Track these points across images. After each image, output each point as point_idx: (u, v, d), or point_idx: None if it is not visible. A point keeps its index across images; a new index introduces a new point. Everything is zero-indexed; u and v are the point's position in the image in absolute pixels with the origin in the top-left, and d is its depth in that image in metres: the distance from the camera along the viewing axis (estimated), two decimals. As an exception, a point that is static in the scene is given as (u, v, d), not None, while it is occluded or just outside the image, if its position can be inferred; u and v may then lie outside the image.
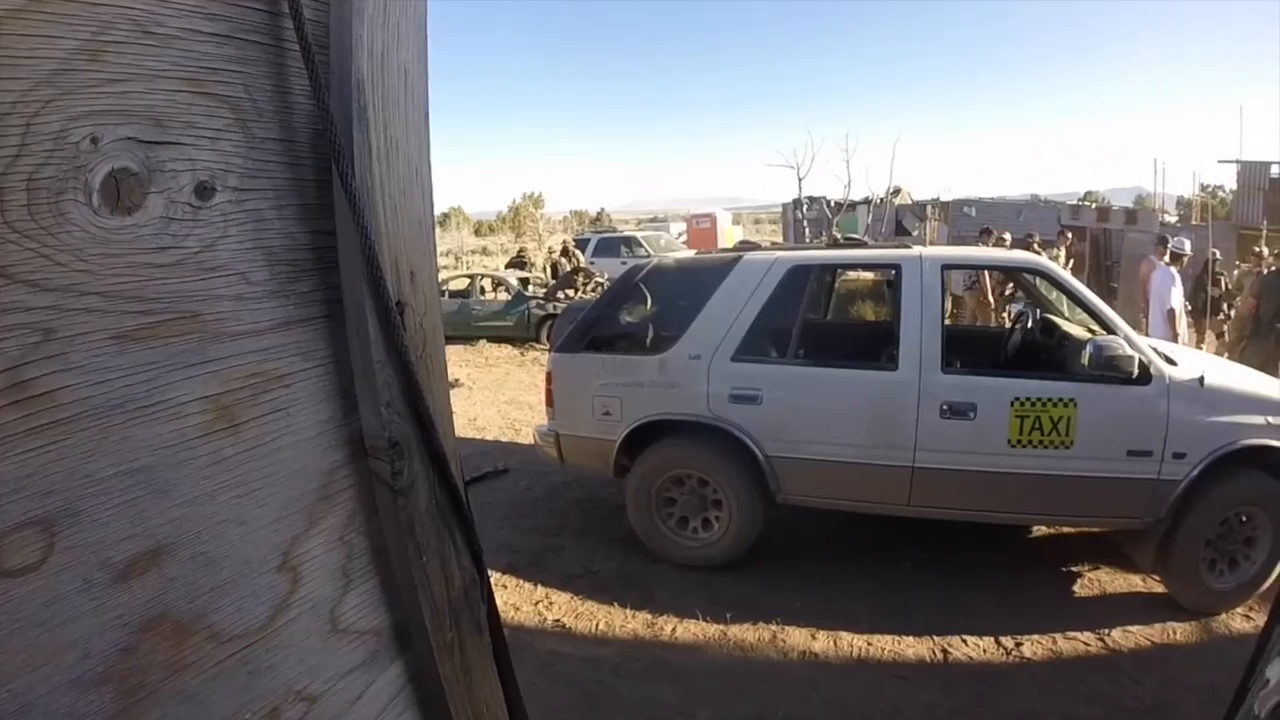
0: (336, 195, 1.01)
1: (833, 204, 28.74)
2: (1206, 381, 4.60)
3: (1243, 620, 4.75)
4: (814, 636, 4.52)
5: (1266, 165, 22.72)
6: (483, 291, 16.39)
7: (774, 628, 4.57)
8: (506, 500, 6.56)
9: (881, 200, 28.54)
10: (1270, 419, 4.55)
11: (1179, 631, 4.68)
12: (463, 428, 8.86)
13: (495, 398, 10.72)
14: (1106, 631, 4.62)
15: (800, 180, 29.12)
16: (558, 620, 4.67)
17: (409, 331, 1.08)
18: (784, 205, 33.56)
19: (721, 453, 5.07)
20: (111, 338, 0.81)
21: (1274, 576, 4.67)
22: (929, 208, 27.00)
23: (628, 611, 4.73)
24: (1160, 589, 5.02)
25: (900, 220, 27.51)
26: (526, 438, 7.97)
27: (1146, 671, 4.27)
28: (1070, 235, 13.59)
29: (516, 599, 4.89)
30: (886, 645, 4.47)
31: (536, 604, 4.84)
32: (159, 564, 0.86)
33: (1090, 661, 4.39)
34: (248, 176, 0.96)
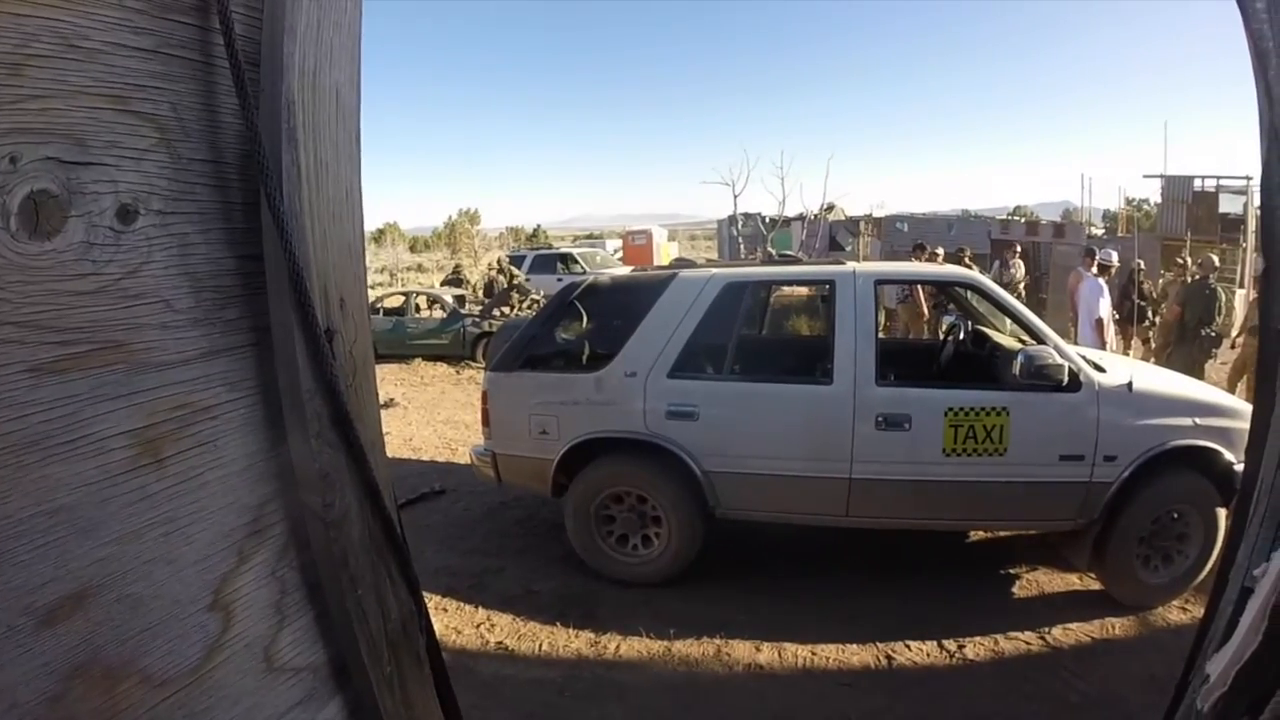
0: (264, 219, 0.98)
1: (767, 220, 29.03)
2: (1135, 387, 4.75)
3: (1179, 613, 4.90)
4: (759, 649, 4.52)
5: (1189, 179, 23.69)
6: (418, 309, 16.19)
7: (718, 642, 4.56)
8: (444, 522, 6.47)
9: (816, 216, 28.90)
10: (1197, 420, 4.71)
11: (1117, 626, 4.81)
12: (398, 448, 8.77)
13: (431, 417, 10.59)
14: (1047, 630, 4.74)
15: (735, 197, 29.41)
16: (500, 642, 4.61)
17: (339, 360, 1.04)
18: (720, 222, 33.79)
19: (659, 469, 5.06)
20: (28, 370, 0.78)
21: (1207, 570, 4.79)
22: (862, 223, 27.40)
23: (570, 631, 4.69)
24: (1097, 587, 5.17)
25: (834, 236, 27.88)
26: (463, 458, 7.86)
27: (1088, 667, 4.38)
28: (1020, 247, 13.90)
29: (457, 622, 4.82)
30: (831, 654, 4.49)
31: (478, 626, 4.78)
32: (85, 607, 0.83)
33: (1033, 660, 4.48)
34: (172, 199, 0.92)
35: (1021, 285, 12.76)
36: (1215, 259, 10.66)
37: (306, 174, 1.01)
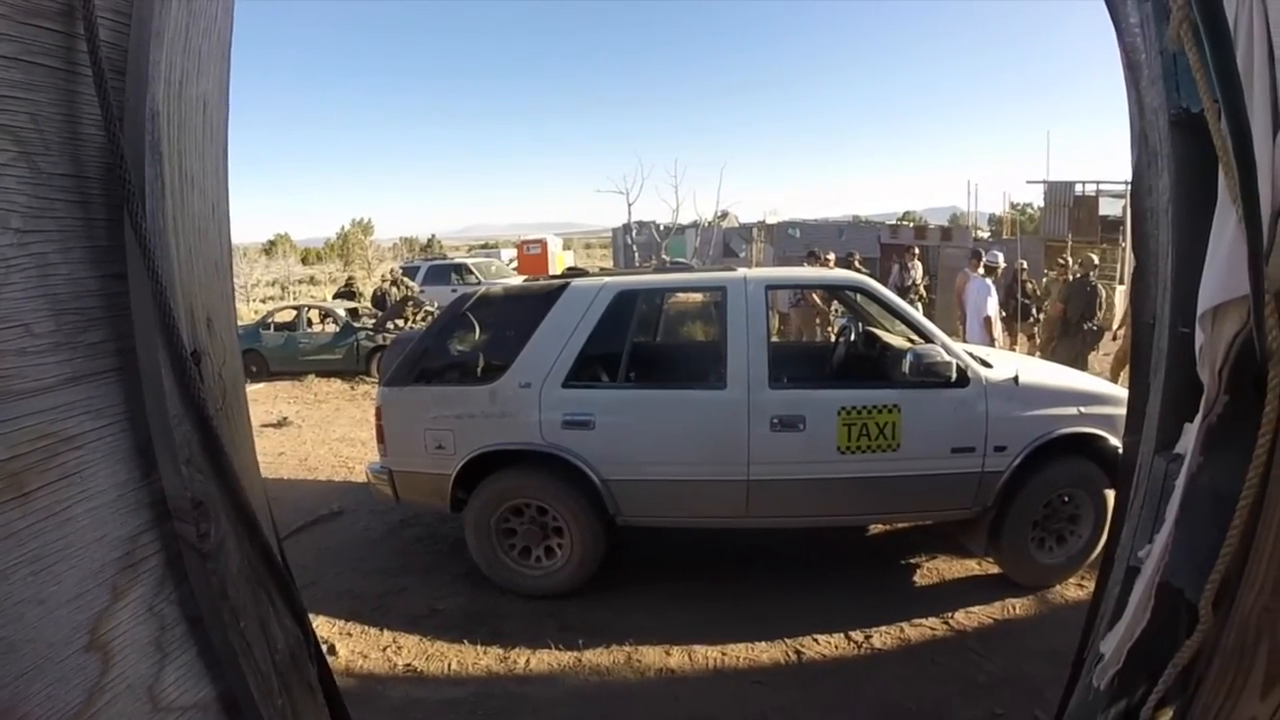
0: (127, 237, 0.93)
1: (662, 228, 29.24)
2: (1021, 380, 4.96)
3: (1076, 590, 5.11)
4: (668, 653, 4.53)
5: (1071, 185, 25.04)
6: (310, 323, 15.79)
7: (628, 649, 4.55)
8: (344, 543, 6.31)
9: (709, 223, 29.22)
10: (1081, 409, 4.94)
11: (1018, 606, 5.01)
12: (293, 469, 8.57)
13: (326, 435, 10.33)
14: (950, 615, 4.89)
15: (630, 205, 29.53)
16: (408, 664, 4.51)
17: (207, 383, 0.99)
18: (614, 230, 33.90)
19: (558, 480, 5.04)
20: None
21: (1100, 548, 4.98)
22: (755, 230, 27.81)
23: (479, 648, 4.62)
24: (996, 570, 5.36)
25: (728, 242, 28.24)
26: (361, 476, 7.69)
27: (993, 647, 4.53)
28: (918, 250, 14.25)
29: (363, 646, 4.71)
30: (741, 653, 4.53)
31: (384, 649, 4.67)
32: (-46, 655, 0.77)
33: (938, 644, 4.61)
34: (32, 216, 0.87)
35: (922, 286, 13.12)
36: (1095, 258, 11.16)
37: (171, 189, 0.96)
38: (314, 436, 10.27)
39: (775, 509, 5.04)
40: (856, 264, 13.09)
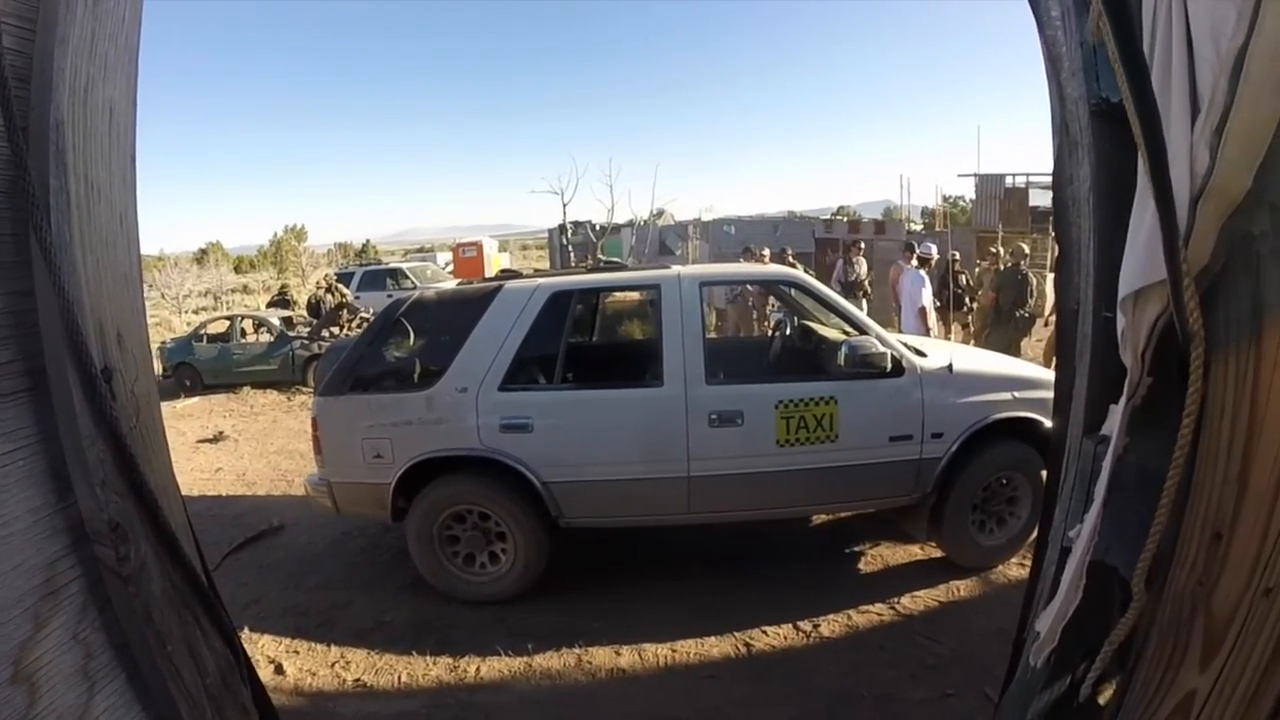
0: (34, 252, 0.89)
1: (597, 228, 29.18)
2: (955, 368, 5.07)
3: (1018, 569, 5.22)
4: (619, 653, 4.52)
5: (1001, 177, 25.74)
6: (244, 334, 15.51)
7: (578, 651, 4.54)
8: (286, 559, 6.19)
9: (645, 222, 29.22)
10: (1015, 394, 5.06)
11: (962, 588, 5.10)
12: (231, 485, 8.41)
13: (264, 448, 10.16)
14: (896, 600, 4.97)
15: (565, 206, 29.42)
16: (358, 679, 4.43)
17: (119, 400, 0.96)
18: (550, 231, 33.75)
19: (498, 484, 5.00)
20: None
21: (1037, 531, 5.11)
22: (691, 228, 27.90)
23: (428, 659, 4.56)
24: (939, 554, 5.47)
25: (664, 241, 28.26)
26: (300, 489, 7.54)
27: (940, 629, 4.61)
28: (864, 245, 14.41)
29: (311, 664, 4.62)
30: (691, 649, 4.54)
31: (333, 665, 4.59)
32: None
33: (886, 629, 4.68)
34: (-68, 234, 0.83)
35: (866, 281, 13.28)
36: (1026, 248, 11.39)
37: (77, 200, 0.92)
38: (251, 450, 10.09)
39: (717, 504, 5.06)
40: (790, 259, 13.21)
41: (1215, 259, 1.27)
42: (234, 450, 10.10)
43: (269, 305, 20.02)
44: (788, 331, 6.73)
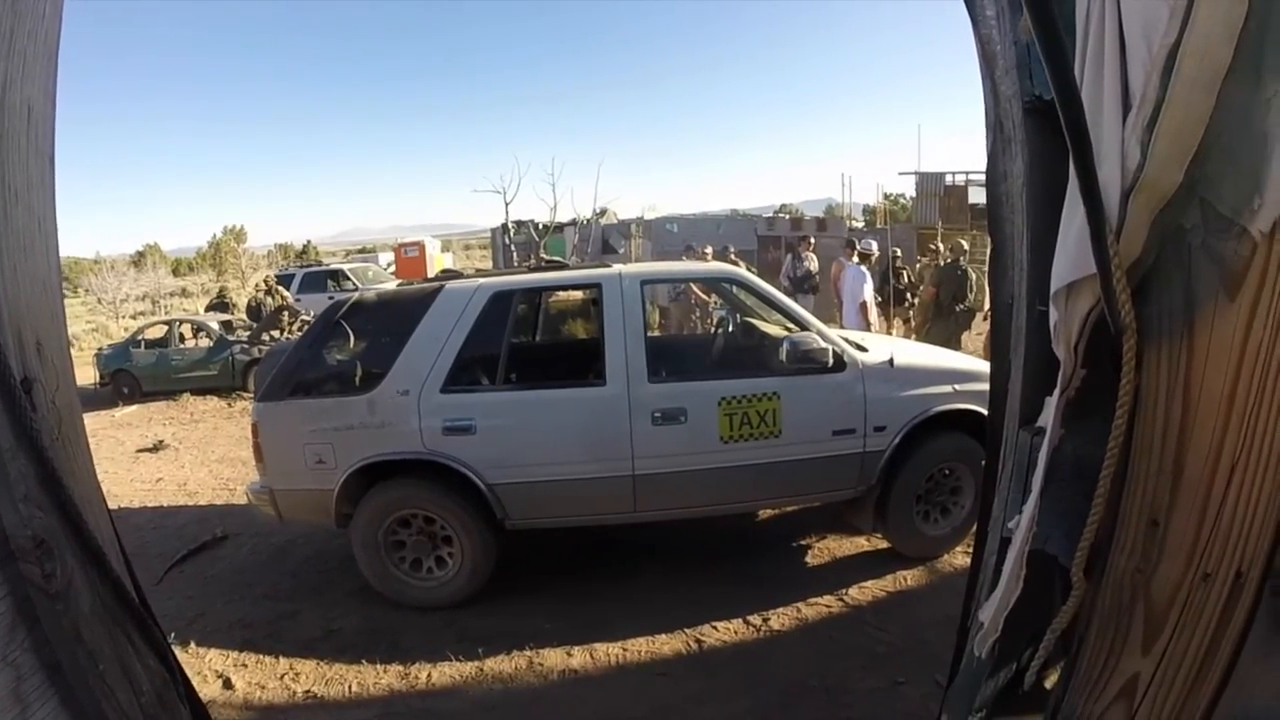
0: (-50, 259, 0.85)
1: (540, 227, 29.04)
2: (896, 362, 5.16)
3: (964, 557, 5.32)
4: (570, 654, 4.52)
5: (941, 175, 26.16)
6: (182, 339, 15.18)
7: (529, 653, 4.52)
8: (230, 570, 6.07)
9: (588, 221, 29.15)
10: (956, 387, 5.15)
11: (909, 578, 5.20)
12: (173, 495, 8.22)
13: (205, 457, 9.97)
14: (844, 591, 5.04)
15: (508, 205, 29.21)
16: (308, 691, 4.36)
17: (40, 411, 0.92)
18: (493, 230, 33.53)
19: (443, 487, 4.96)
20: None
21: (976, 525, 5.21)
22: (634, 226, 27.91)
23: (378, 667, 4.50)
24: (885, 545, 5.57)
25: (607, 239, 28.22)
26: (243, 498, 7.42)
27: (888, 619, 4.68)
28: (813, 241, 14.52)
29: (260, 676, 4.53)
30: (642, 647, 4.55)
31: (282, 677, 4.50)
32: None
33: (835, 621, 4.74)
34: None
35: (816, 277, 13.39)
36: (965, 244, 11.60)
37: (-9, 204, 0.88)
38: (192, 459, 9.89)
39: (663, 502, 5.08)
40: (733, 256, 13.30)
41: (1147, 252, 1.29)
42: (175, 459, 9.90)
43: (208, 309, 19.58)
44: (730, 329, 6.78)
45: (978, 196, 24.82)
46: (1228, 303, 1.22)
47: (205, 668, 4.56)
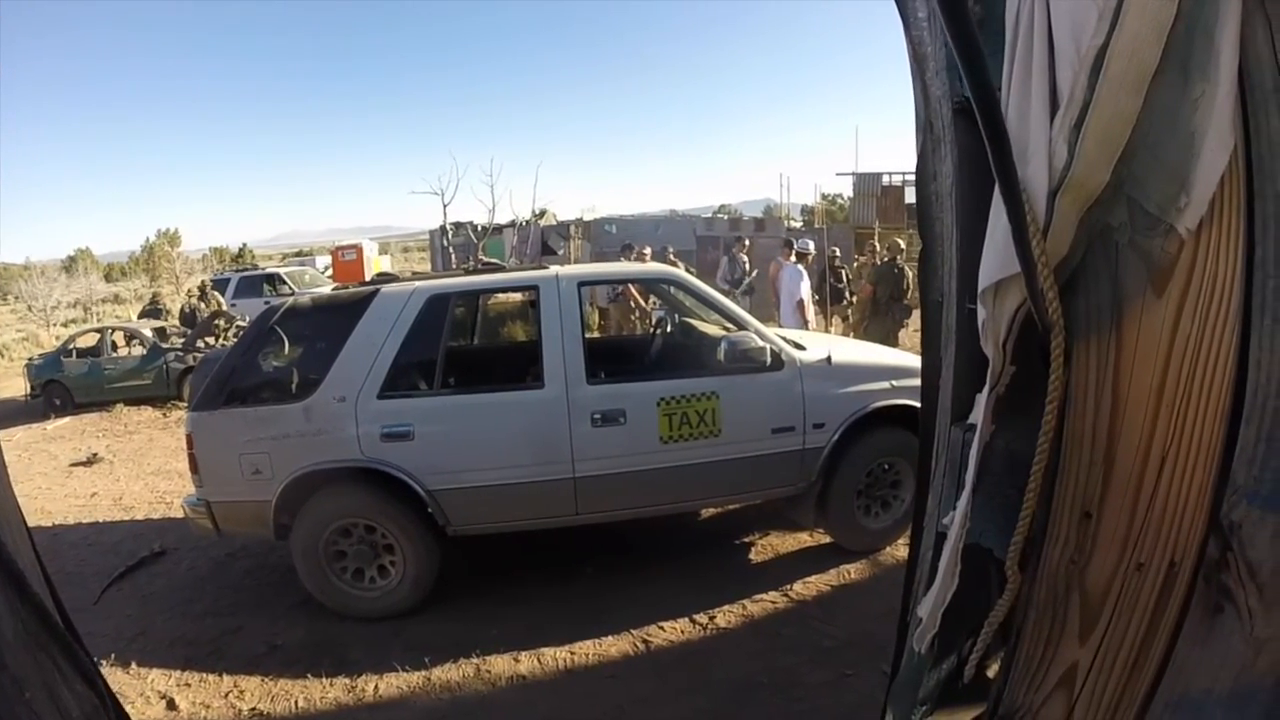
0: None
1: (479, 228, 28.82)
2: (834, 360, 5.24)
3: (905, 550, 5.34)
4: (517, 660, 4.51)
5: (878, 175, 26.77)
6: (115, 347, 14.77)
7: (476, 661, 4.49)
8: (170, 586, 5.93)
9: (527, 222, 29.00)
10: (893, 383, 5.24)
11: (853, 571, 5.29)
12: (109, 509, 8.02)
13: (140, 470, 9.73)
14: (789, 587, 5.10)
15: (445, 206, 28.92)
16: (254, 709, 4.28)
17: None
18: (431, 232, 33.23)
19: (382, 495, 4.91)
20: None
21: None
22: (573, 227, 27.86)
23: (324, 681, 4.43)
24: (827, 540, 5.64)
25: (546, 241, 28.13)
26: (181, 511, 7.25)
27: (834, 612, 4.76)
28: (748, 242, 14.59)
29: (204, 696, 4.43)
30: (589, 650, 4.56)
31: (227, 696, 4.41)
32: None
33: (781, 616, 4.80)
34: None
35: (753, 276, 13.47)
36: (902, 243, 11.81)
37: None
38: (128, 472, 9.65)
39: (605, 504, 5.09)
40: (672, 257, 13.34)
41: (1075, 250, 1.32)
42: (109, 473, 9.65)
43: (141, 315, 19.07)
44: (668, 329, 6.80)
45: (914, 196, 25.36)
46: (1155, 299, 1.24)
47: (148, 688, 4.46)
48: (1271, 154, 1.12)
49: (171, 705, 4.32)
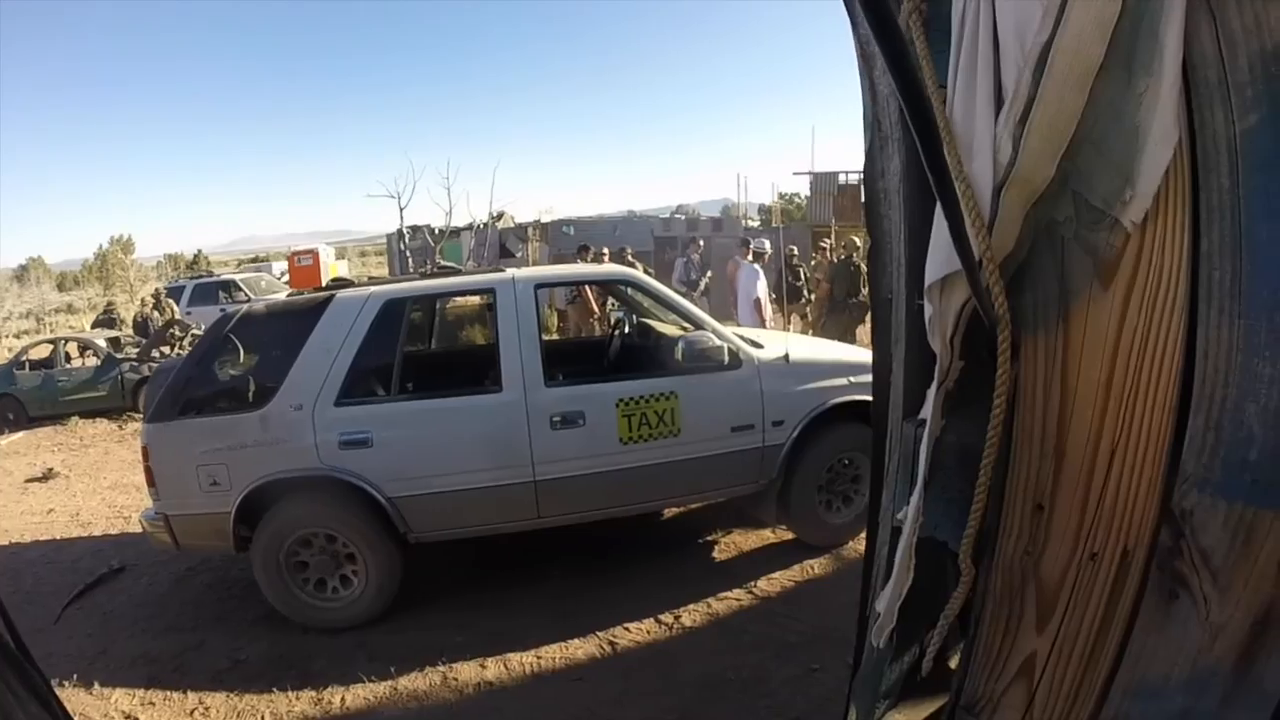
0: None
1: (436, 232, 28.66)
2: (791, 358, 5.28)
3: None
4: (484, 666, 4.48)
5: (835, 175, 27.01)
6: (69, 358, 14.44)
7: (442, 669, 4.46)
8: (130, 603, 5.81)
9: (484, 225, 28.86)
10: (851, 379, 5.27)
11: (816, 566, 5.33)
12: (66, 526, 7.85)
13: (97, 484, 9.54)
14: (753, 584, 5.13)
15: (402, 210, 28.69)
16: (220, 726, 4.23)
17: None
18: (388, 236, 33.01)
19: (342, 504, 4.86)
20: None
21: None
22: (530, 229, 27.80)
23: (290, 694, 4.38)
24: (790, 536, 5.67)
25: (504, 243, 28.05)
26: (139, 526, 7.12)
27: (799, 608, 4.78)
28: (702, 243, 14.64)
29: (168, 714, 4.36)
30: (556, 654, 4.54)
31: (191, 713, 4.33)
32: None
33: (747, 613, 4.82)
34: None
35: (708, 276, 13.53)
36: (858, 241, 11.92)
37: None
38: (84, 487, 9.45)
39: (566, 507, 5.09)
40: (630, 258, 13.36)
41: (1021, 245, 1.33)
42: (66, 488, 9.46)
43: (94, 325, 18.71)
44: (626, 330, 6.81)
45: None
46: (1102, 292, 1.26)
47: (111, 709, 4.38)
48: (1216, 147, 1.13)
49: (136, 725, 4.26)
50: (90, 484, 9.59)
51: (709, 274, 13.59)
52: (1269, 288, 1.10)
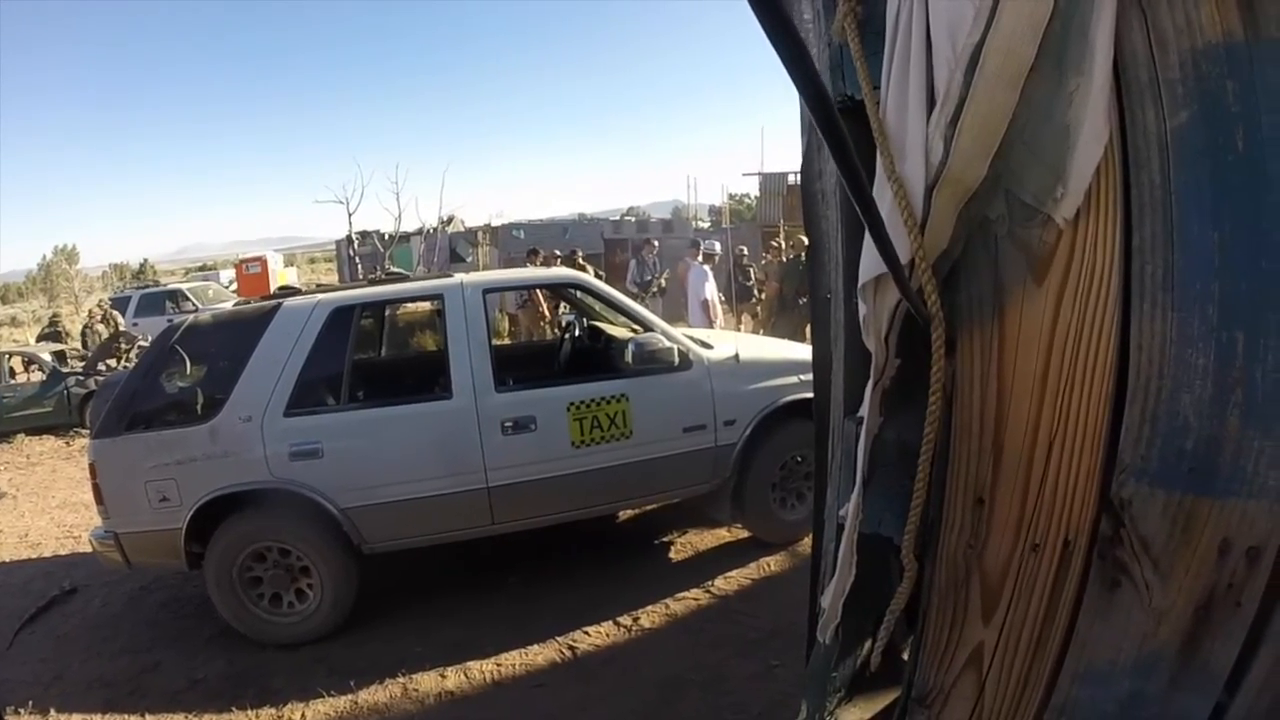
0: None
1: (386, 237, 28.38)
2: (741, 357, 5.32)
3: (821, 541, 5.44)
4: (444, 676, 4.44)
5: (784, 175, 26.92)
6: (13, 373, 13.93)
7: (402, 680, 4.41)
8: (84, 625, 5.66)
9: (434, 230, 28.63)
10: (801, 377, 5.26)
11: (773, 563, 5.34)
12: (14, 548, 7.65)
13: (45, 503, 9.28)
14: (711, 583, 5.14)
15: (351, 215, 28.36)
16: (179, 747, 4.16)
17: None
18: (338, 242, 32.66)
19: (295, 516, 4.79)
20: None
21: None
22: (481, 233, 27.62)
23: (250, 712, 4.29)
24: (746, 534, 5.68)
25: (454, 248, 27.84)
26: (89, 545, 6.97)
27: (757, 605, 4.79)
28: (656, 245, 14.66)
29: (127, 738, 4.29)
30: (515, 660, 4.52)
31: (150, 737, 4.27)
32: None
33: (705, 612, 4.83)
34: None
35: (664, 277, 13.55)
36: (805, 240, 12.00)
37: None
38: (32, 506, 9.20)
39: (520, 512, 5.06)
40: (581, 260, 13.36)
41: (955, 243, 1.35)
42: (13, 508, 9.19)
43: (39, 339, 18.23)
44: (577, 333, 6.80)
45: (802, 194, 25.79)
46: (1035, 288, 1.29)
47: (69, 734, 4.29)
48: (1147, 144, 1.16)
49: (95, 751, 4.17)
50: (38, 503, 9.35)
51: (666, 274, 13.62)
52: (1200, 281, 1.13)
